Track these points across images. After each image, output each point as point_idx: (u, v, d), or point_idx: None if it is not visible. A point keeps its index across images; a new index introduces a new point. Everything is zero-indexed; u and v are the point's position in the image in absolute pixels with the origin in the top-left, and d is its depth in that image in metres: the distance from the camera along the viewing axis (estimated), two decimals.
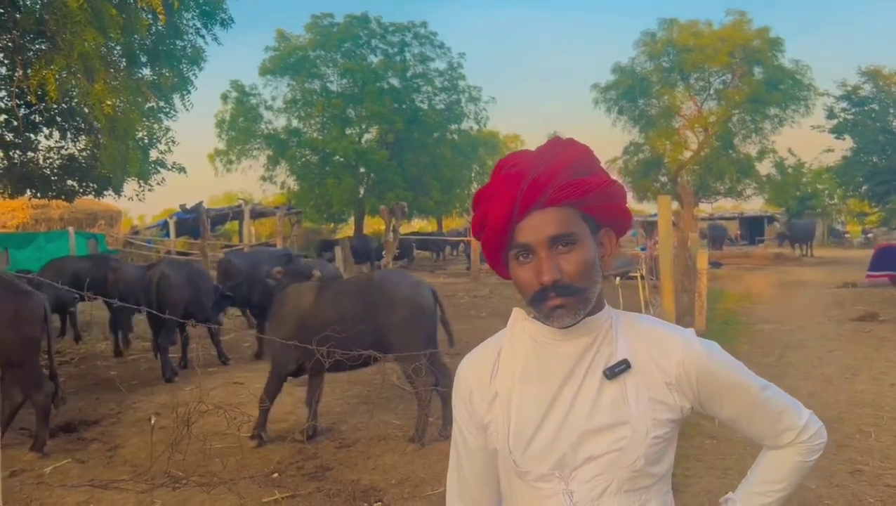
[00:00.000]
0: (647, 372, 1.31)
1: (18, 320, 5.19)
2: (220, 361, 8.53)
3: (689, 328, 1.39)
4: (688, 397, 1.32)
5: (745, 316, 12.24)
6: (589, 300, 1.28)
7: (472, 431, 1.42)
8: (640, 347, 1.33)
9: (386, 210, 17.60)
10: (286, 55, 28.79)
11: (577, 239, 1.25)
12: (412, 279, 5.78)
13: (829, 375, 7.64)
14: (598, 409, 1.29)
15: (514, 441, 1.33)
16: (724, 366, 1.35)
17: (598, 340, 1.32)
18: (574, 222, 1.26)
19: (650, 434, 1.28)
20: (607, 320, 1.34)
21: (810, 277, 19.50)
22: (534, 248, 1.25)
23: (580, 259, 1.25)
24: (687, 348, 1.32)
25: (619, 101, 32.32)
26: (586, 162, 1.30)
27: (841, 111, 28.67)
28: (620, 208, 1.35)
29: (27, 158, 11.85)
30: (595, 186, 1.27)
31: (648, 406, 1.29)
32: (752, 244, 35.17)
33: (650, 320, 1.39)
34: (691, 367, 1.31)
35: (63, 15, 6.82)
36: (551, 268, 1.23)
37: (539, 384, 1.33)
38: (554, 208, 1.25)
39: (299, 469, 5.05)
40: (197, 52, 10.93)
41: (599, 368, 1.30)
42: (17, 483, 4.81)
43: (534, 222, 1.25)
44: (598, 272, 1.29)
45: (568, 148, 1.29)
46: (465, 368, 1.45)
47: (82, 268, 10.24)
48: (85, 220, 26.01)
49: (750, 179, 32.52)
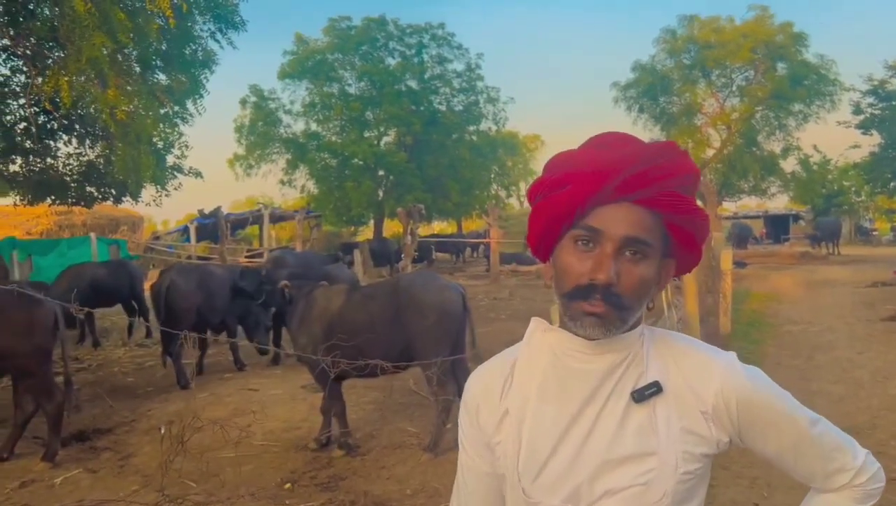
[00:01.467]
0: (680, 398, 1.15)
1: (29, 329, 5.15)
2: (236, 367, 8.47)
3: (731, 352, 1.21)
4: (726, 429, 1.16)
5: (771, 317, 11.96)
6: (627, 321, 1.14)
7: (479, 451, 1.27)
8: (674, 370, 1.17)
9: (403, 212, 17.50)
10: (304, 59, 28.85)
11: (648, 253, 1.12)
12: (440, 283, 5.53)
13: (861, 379, 7.39)
14: (621, 436, 1.13)
15: (525, 467, 1.17)
16: (768, 396, 1.17)
17: (628, 358, 1.16)
18: (655, 235, 1.13)
19: (680, 469, 1.13)
20: (639, 338, 1.19)
21: (838, 276, 19.10)
22: (603, 239, 1.10)
23: (641, 275, 1.11)
24: (727, 375, 1.16)
25: (640, 100, 31.99)
26: (695, 183, 1.17)
27: (868, 106, 28.07)
28: (697, 245, 1.20)
29: (46, 164, 11.94)
30: (694, 209, 1.15)
31: (680, 437, 1.14)
32: (777, 243, 34.64)
33: (687, 340, 1.23)
34: (731, 395, 1.14)
35: (72, 20, 6.82)
36: (611, 268, 1.09)
37: (556, 404, 1.17)
38: (645, 209, 1.12)
39: (312, 479, 4.94)
40: (209, 56, 10.94)
41: (626, 389, 1.15)
42: (28, 494, 4.75)
43: (617, 213, 1.10)
44: (648, 296, 1.15)
45: (686, 158, 1.16)
46: (475, 381, 1.29)
47: (100, 274, 10.27)
48: (107, 225, 26.27)
49: (774, 176, 32.01)
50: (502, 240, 22.42)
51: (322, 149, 28.89)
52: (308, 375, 7.71)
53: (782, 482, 4.48)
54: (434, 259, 27.12)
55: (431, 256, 26.51)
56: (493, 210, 21.98)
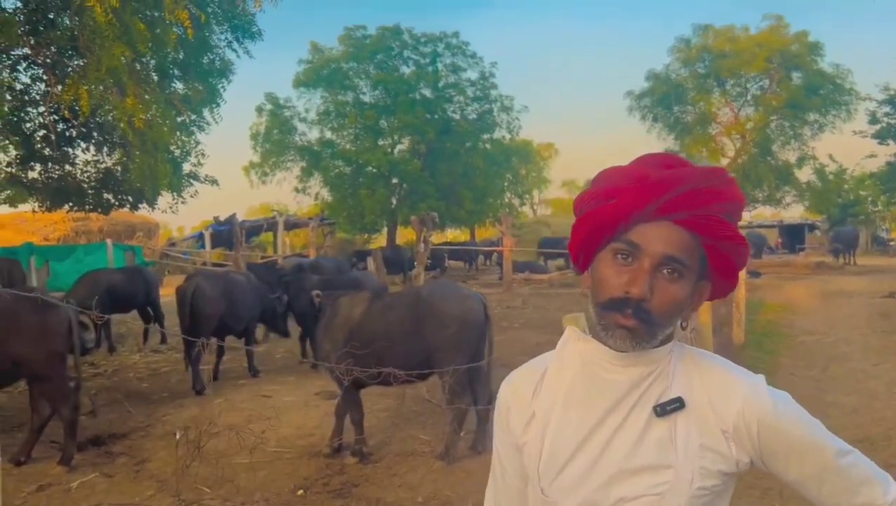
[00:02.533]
0: (701, 415, 1.17)
1: (44, 334, 5.21)
2: (250, 373, 8.52)
3: (760, 375, 1.21)
4: (746, 450, 1.16)
5: (785, 327, 11.88)
6: (656, 336, 1.16)
7: (509, 453, 1.32)
8: (699, 387, 1.19)
9: (416, 220, 17.54)
10: (320, 67, 29.03)
11: (684, 274, 1.15)
12: (462, 293, 5.56)
13: (875, 390, 7.33)
14: (640, 447, 1.16)
15: (545, 468, 1.22)
16: (793, 421, 1.16)
17: (654, 373, 1.19)
18: (693, 256, 1.16)
19: (695, 484, 1.14)
20: (668, 353, 1.21)
21: (854, 286, 18.92)
22: (642, 254, 1.13)
23: (675, 294, 1.14)
24: (750, 396, 1.16)
25: (654, 109, 31.98)
26: (739, 210, 1.19)
27: (884, 116, 27.92)
28: (734, 271, 1.22)
29: (64, 171, 12.10)
30: (734, 235, 1.17)
31: (698, 452, 1.15)
32: (792, 253, 34.39)
33: (715, 359, 1.25)
34: (752, 418, 1.14)
35: (92, 30, 6.93)
36: (646, 284, 1.12)
37: (580, 410, 1.21)
38: (686, 231, 1.14)
39: (325, 486, 4.97)
40: (226, 65, 11.07)
41: (650, 403, 1.17)
42: (45, 497, 4.81)
43: (659, 231, 1.14)
44: (679, 315, 1.18)
45: (733, 185, 1.18)
46: (507, 386, 1.36)
47: (116, 280, 10.37)
48: (124, 232, 26.55)
49: (789, 186, 31.87)
50: (515, 248, 22.42)
51: (336, 157, 29.04)
52: (321, 382, 7.80)
53: (795, 493, 4.45)
54: (447, 267, 27.15)
55: (444, 263, 26.54)
56: (507, 218, 21.99)
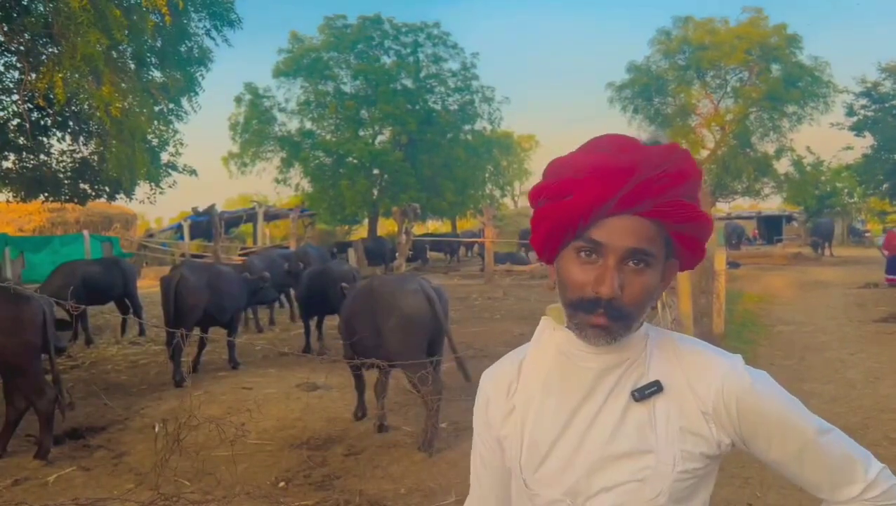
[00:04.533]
0: (680, 398, 1.15)
1: (17, 326, 5.12)
2: (231, 365, 8.45)
3: (737, 354, 1.20)
4: (727, 430, 1.15)
5: (764, 317, 12.00)
6: (631, 327, 1.15)
7: (490, 445, 1.31)
8: (677, 370, 1.17)
9: (398, 211, 17.50)
10: (299, 57, 28.77)
11: (651, 263, 1.12)
12: (408, 286, 5.69)
13: (853, 379, 7.43)
14: (620, 433, 1.14)
15: (526, 459, 1.20)
16: (772, 400, 1.15)
17: (630, 357, 1.17)
18: (658, 243, 1.13)
19: (677, 467, 1.13)
20: (643, 338, 1.20)
21: (830, 277, 19.17)
22: (606, 251, 1.10)
23: (645, 284, 1.11)
24: (729, 375, 1.15)
25: (635, 100, 32.05)
26: (698, 186, 1.15)
27: (861, 108, 28.19)
28: (700, 246, 1.19)
29: (39, 161, 11.89)
30: (697, 216, 1.13)
31: (678, 436, 1.14)
32: (770, 244, 34.74)
33: (691, 341, 1.23)
34: (731, 397, 1.13)
35: (67, 17, 6.78)
36: (614, 282, 1.09)
37: (557, 399, 1.19)
38: (647, 220, 1.10)
39: (306, 478, 4.93)
40: (204, 53, 10.91)
41: (627, 388, 1.16)
42: (21, 491, 4.73)
43: (621, 224, 1.09)
44: (653, 302, 1.17)
45: (688, 162, 1.13)
46: (486, 379, 1.34)
47: (92, 271, 10.23)
48: (100, 223, 26.21)
49: (768, 177, 32.10)
50: (497, 239, 22.43)
51: (317, 147, 28.82)
52: (302, 374, 7.77)
53: (775, 481, 4.50)
54: (428, 258, 27.12)
55: (426, 255, 26.51)
56: (488, 210, 21.99)
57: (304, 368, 8.11)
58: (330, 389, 7.20)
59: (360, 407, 6.30)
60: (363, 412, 6.27)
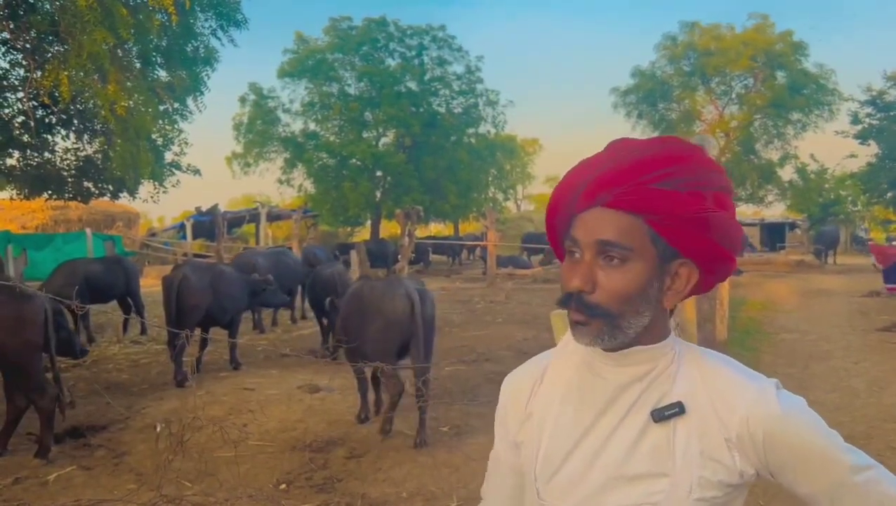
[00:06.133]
0: (704, 421, 1.08)
1: (19, 325, 5.10)
2: (232, 366, 8.42)
3: (773, 379, 1.11)
4: (751, 460, 1.07)
5: (767, 325, 11.96)
6: (621, 329, 1.08)
7: (507, 449, 1.30)
8: (702, 391, 1.10)
9: (401, 214, 17.43)
10: (304, 58, 28.79)
11: (628, 257, 1.06)
12: (392, 291, 5.79)
13: (856, 388, 7.39)
14: (636, 453, 1.10)
15: (541, 467, 1.18)
16: (804, 431, 1.06)
17: (654, 373, 1.12)
18: (637, 237, 1.06)
19: (694, 494, 1.07)
20: (670, 352, 1.14)
21: (833, 284, 19.12)
22: (581, 247, 1.09)
23: (623, 281, 1.06)
24: (757, 402, 1.06)
25: (639, 105, 32.06)
26: (689, 174, 1.07)
27: (866, 116, 28.16)
28: (716, 246, 1.09)
29: (44, 159, 11.89)
30: (677, 203, 1.05)
31: (698, 461, 1.07)
32: (773, 251, 34.70)
33: (723, 361, 1.15)
34: (758, 426, 1.05)
35: (74, 15, 6.78)
36: (584, 275, 1.07)
37: (576, 411, 1.16)
38: (620, 212, 1.06)
39: (308, 480, 4.91)
40: (210, 53, 10.92)
41: (648, 405, 1.11)
42: (21, 491, 4.72)
43: (591, 218, 1.08)
44: (643, 303, 1.08)
45: (670, 149, 1.09)
46: (506, 384, 1.33)
47: (95, 270, 10.21)
48: (103, 221, 26.21)
49: (772, 184, 32.10)
50: (499, 243, 22.41)
51: (320, 148, 28.82)
52: (304, 375, 7.75)
53: (780, 490, 4.47)
54: (430, 261, 27.09)
55: (428, 257, 26.48)
56: (491, 213, 21.97)
57: (306, 369, 8.09)
58: (332, 390, 7.18)
59: (363, 409, 6.28)
60: (366, 414, 6.25)
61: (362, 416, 6.24)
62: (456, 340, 10.29)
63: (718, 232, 1.08)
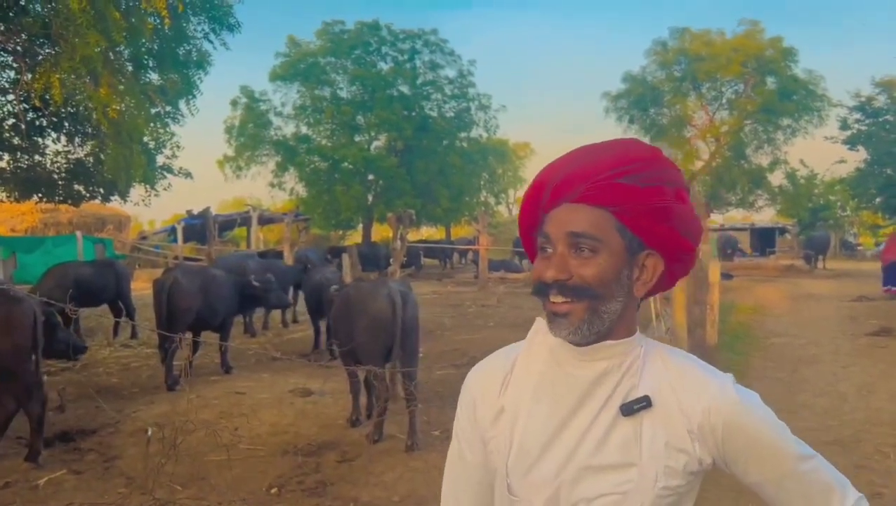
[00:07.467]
0: (668, 414, 1.15)
1: (8, 328, 5.08)
2: (223, 369, 8.40)
3: (729, 373, 1.20)
4: (710, 450, 1.14)
5: (757, 329, 12.03)
6: (598, 313, 1.13)
7: (472, 445, 1.28)
8: (667, 385, 1.16)
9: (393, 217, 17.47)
10: (297, 61, 28.79)
11: (598, 248, 1.12)
12: (376, 292, 5.87)
13: (845, 393, 7.44)
14: (606, 446, 1.14)
15: (514, 465, 1.19)
16: (758, 423, 1.14)
17: (622, 369, 1.16)
18: (605, 229, 1.12)
19: (659, 483, 1.12)
20: (635, 349, 1.19)
21: (823, 289, 19.24)
22: (553, 241, 1.14)
23: (596, 269, 1.12)
24: (718, 395, 1.14)
25: (630, 110, 32.17)
26: (649, 170, 1.15)
27: (855, 122, 28.32)
28: (678, 237, 1.17)
29: (34, 161, 11.85)
30: (639, 197, 1.13)
31: (663, 451, 1.13)
32: (762, 256, 34.87)
33: (685, 357, 1.22)
34: (718, 417, 1.13)
35: (66, 18, 6.77)
36: (560, 265, 1.13)
37: (548, 406, 1.18)
38: (586, 206, 1.13)
39: (299, 484, 4.91)
40: (203, 57, 10.91)
41: (618, 400, 1.15)
42: (10, 494, 4.70)
43: (561, 214, 1.14)
44: (619, 288, 1.14)
45: (630, 148, 1.17)
46: (473, 377, 1.31)
47: (85, 273, 10.17)
48: (93, 224, 26.06)
49: (762, 189, 32.26)
50: (491, 247, 22.45)
51: (312, 152, 28.82)
52: (295, 379, 7.76)
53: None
54: (422, 265, 27.11)
55: (420, 261, 26.49)
56: (483, 217, 22.03)
57: (298, 373, 8.09)
58: (323, 394, 7.18)
59: (354, 412, 6.29)
60: (357, 417, 6.25)
61: (353, 418, 6.25)
62: (448, 343, 10.31)
63: (679, 223, 1.16)
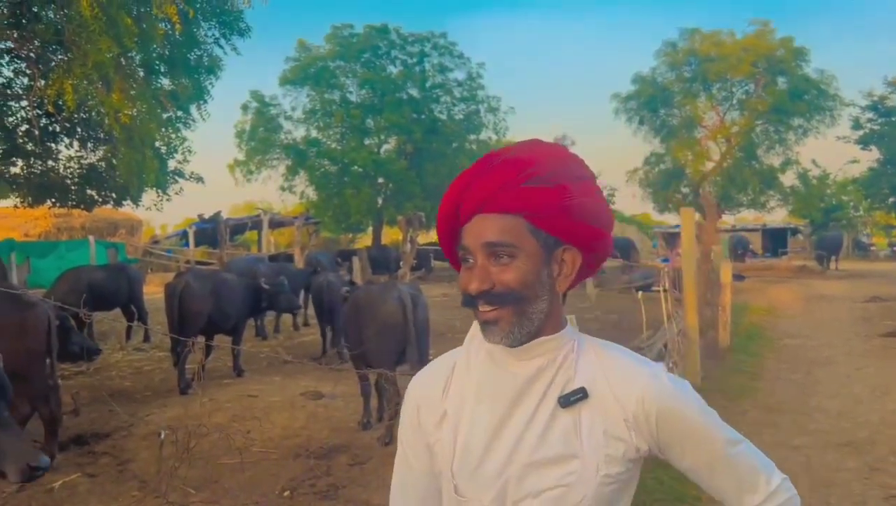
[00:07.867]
0: (604, 404, 1.18)
1: (23, 332, 5.13)
2: (235, 373, 8.43)
3: (660, 362, 1.25)
4: (644, 437, 1.18)
5: (770, 330, 11.96)
6: (526, 314, 1.16)
7: (418, 451, 1.30)
8: (601, 377, 1.19)
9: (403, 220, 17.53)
10: (306, 65, 28.86)
11: (515, 253, 1.14)
12: (386, 294, 5.90)
13: (859, 394, 7.39)
14: (547, 439, 1.16)
15: (458, 465, 1.21)
16: (689, 410, 1.19)
17: (556, 363, 1.19)
18: (518, 234, 1.15)
19: (601, 471, 1.15)
20: (568, 343, 1.22)
21: (836, 290, 19.11)
22: (473, 252, 1.17)
23: (517, 273, 1.14)
24: (650, 384, 1.18)
25: (640, 111, 32.09)
26: (551, 169, 1.16)
27: (867, 122, 28.21)
28: (589, 229, 1.20)
29: (47, 167, 11.95)
30: (546, 198, 1.14)
31: (602, 441, 1.16)
32: (775, 256, 34.68)
33: (617, 349, 1.26)
34: (651, 405, 1.16)
35: (79, 24, 6.83)
36: (481, 276, 1.15)
37: (489, 406, 1.21)
38: (498, 215, 1.15)
39: (311, 487, 4.92)
40: (214, 62, 10.98)
41: (555, 394, 1.18)
42: (26, 498, 4.73)
43: (475, 226, 1.16)
44: (542, 288, 1.17)
45: (531, 151, 1.19)
46: (415, 384, 1.34)
47: (98, 278, 10.24)
48: (106, 228, 26.25)
49: (773, 190, 32.07)
50: None
51: (322, 155, 28.88)
52: (307, 382, 7.77)
53: None
54: (433, 267, 27.10)
55: (430, 263, 26.48)
56: None
57: (309, 376, 8.10)
58: (335, 397, 7.19)
59: (365, 415, 6.29)
60: (368, 420, 6.26)
61: (364, 421, 6.25)
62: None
63: (589, 215, 1.19)
